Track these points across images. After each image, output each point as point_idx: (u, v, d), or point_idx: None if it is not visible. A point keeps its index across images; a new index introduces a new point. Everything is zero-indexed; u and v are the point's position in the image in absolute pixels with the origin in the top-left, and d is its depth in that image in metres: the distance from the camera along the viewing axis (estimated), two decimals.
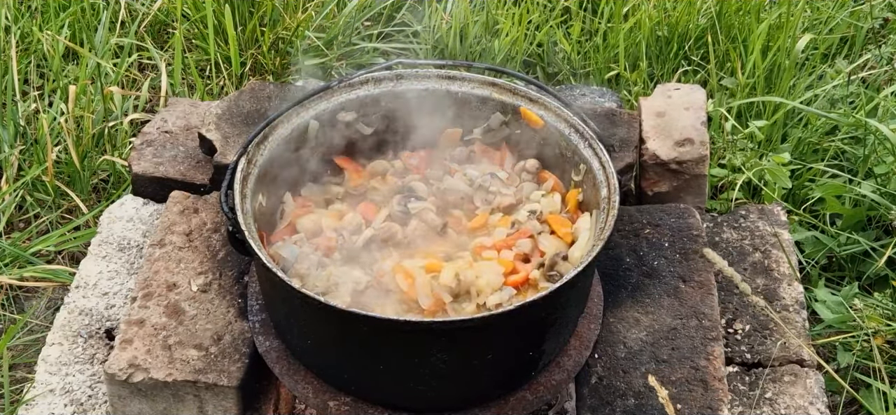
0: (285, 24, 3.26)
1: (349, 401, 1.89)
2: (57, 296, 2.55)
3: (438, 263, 1.92)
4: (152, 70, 3.29)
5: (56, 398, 2.10)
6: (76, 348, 2.18)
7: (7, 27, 3.19)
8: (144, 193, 2.51)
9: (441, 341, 1.76)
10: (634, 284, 2.17)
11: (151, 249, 2.21)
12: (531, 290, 1.91)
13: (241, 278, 2.15)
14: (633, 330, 2.08)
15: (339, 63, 3.27)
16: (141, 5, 3.41)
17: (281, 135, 2.05)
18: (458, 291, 1.87)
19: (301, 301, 1.75)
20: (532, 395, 1.91)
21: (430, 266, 1.91)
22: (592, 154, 2.02)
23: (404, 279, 1.88)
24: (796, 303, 2.26)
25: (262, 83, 2.62)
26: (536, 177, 2.15)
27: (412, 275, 1.88)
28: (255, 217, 1.92)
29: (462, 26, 3.23)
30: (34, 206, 2.81)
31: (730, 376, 2.12)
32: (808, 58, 3.16)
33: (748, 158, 2.77)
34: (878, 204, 2.60)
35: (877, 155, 2.70)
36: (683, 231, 2.27)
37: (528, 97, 2.14)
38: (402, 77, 2.17)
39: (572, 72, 3.21)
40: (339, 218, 2.04)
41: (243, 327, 2.05)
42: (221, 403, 1.98)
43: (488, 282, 1.87)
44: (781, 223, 2.46)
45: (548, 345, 1.88)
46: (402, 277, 1.89)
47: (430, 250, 1.98)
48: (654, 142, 2.47)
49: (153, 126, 2.61)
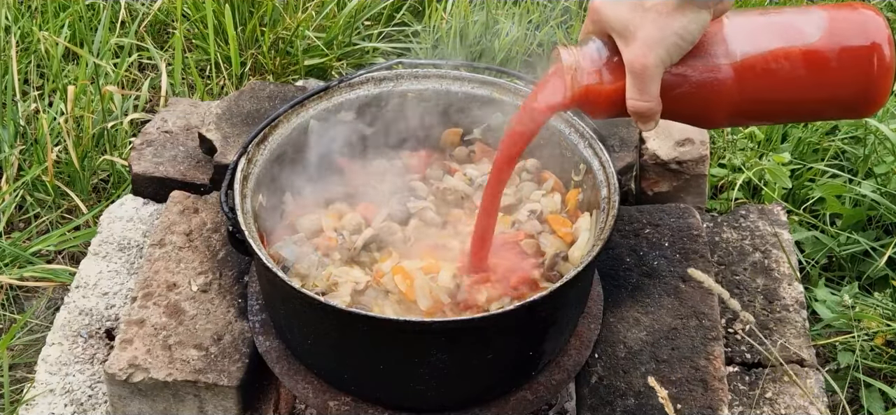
0: (285, 24, 3.26)
1: (349, 401, 1.89)
2: (57, 296, 2.55)
3: (436, 264, 1.92)
4: (152, 70, 3.29)
5: (56, 398, 2.10)
6: (76, 348, 2.18)
7: (7, 27, 3.19)
8: (144, 193, 2.51)
9: (441, 340, 1.76)
10: (634, 284, 2.17)
11: (151, 249, 2.21)
12: (531, 290, 1.91)
13: (241, 278, 2.15)
14: (633, 330, 2.08)
15: (339, 63, 3.27)
16: (141, 5, 3.41)
17: (281, 135, 2.05)
18: (455, 293, 1.87)
19: (301, 301, 1.75)
20: (532, 395, 1.91)
21: (427, 267, 1.91)
22: (592, 154, 2.02)
23: (403, 280, 1.88)
24: (796, 303, 2.26)
25: (262, 83, 2.62)
26: (536, 177, 2.15)
27: (411, 276, 1.88)
28: (255, 217, 1.92)
29: (462, 26, 3.23)
30: (34, 206, 2.81)
31: (730, 376, 2.12)
32: None
33: (748, 157, 2.77)
34: (878, 204, 2.60)
35: (877, 155, 2.70)
36: (683, 231, 2.27)
37: None
38: (402, 77, 2.17)
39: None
40: (338, 218, 2.04)
41: (243, 327, 2.05)
42: (221, 403, 1.98)
43: (488, 297, 1.87)
44: (781, 223, 2.46)
45: (548, 345, 1.88)
46: (401, 279, 1.89)
47: (430, 249, 1.98)
48: (654, 142, 2.47)
49: (153, 126, 2.61)
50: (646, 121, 1.59)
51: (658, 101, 1.56)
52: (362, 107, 2.15)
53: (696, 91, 1.60)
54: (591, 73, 1.61)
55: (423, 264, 1.92)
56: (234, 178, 1.93)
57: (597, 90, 1.61)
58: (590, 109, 1.65)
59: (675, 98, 1.59)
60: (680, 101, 1.60)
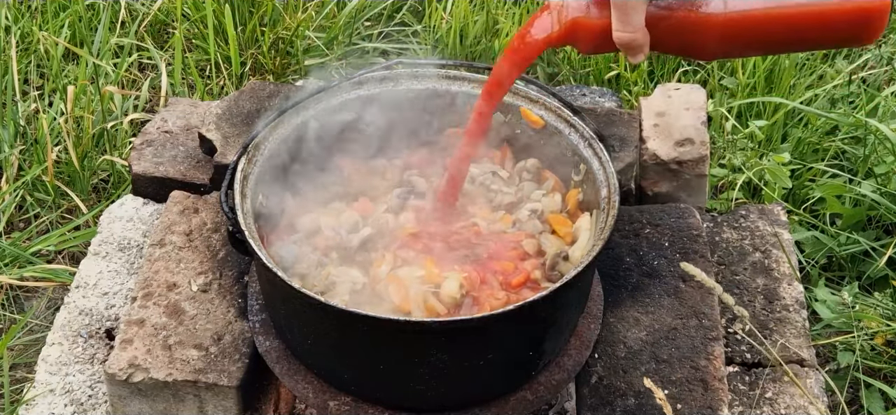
0: (285, 24, 3.27)
1: (349, 401, 1.89)
2: (57, 296, 2.55)
3: (437, 272, 1.89)
4: (152, 70, 3.29)
5: (56, 398, 2.10)
6: (76, 347, 2.18)
7: (7, 27, 3.19)
8: (144, 193, 2.51)
9: (440, 340, 1.75)
10: (634, 284, 2.17)
11: (151, 249, 2.22)
12: (532, 290, 1.91)
13: (241, 278, 2.15)
14: (633, 330, 2.08)
15: (339, 63, 3.27)
16: (141, 5, 3.42)
17: (281, 135, 2.05)
18: (460, 303, 1.86)
19: (301, 301, 1.75)
20: (532, 395, 1.91)
21: (429, 275, 1.89)
22: (592, 154, 2.02)
23: (397, 292, 1.86)
24: (796, 303, 2.26)
25: (262, 83, 2.62)
26: (537, 176, 2.15)
27: (405, 286, 1.87)
28: (255, 217, 1.92)
29: (462, 26, 3.23)
30: (34, 206, 2.81)
31: (730, 375, 2.12)
32: (808, 58, 3.16)
33: (748, 157, 2.77)
34: (878, 204, 2.60)
35: (877, 155, 2.70)
36: (683, 231, 2.27)
37: (528, 97, 2.14)
38: (402, 77, 2.17)
39: (572, 72, 3.21)
40: (336, 216, 2.04)
41: (243, 327, 2.05)
42: (221, 403, 1.98)
43: (491, 306, 1.86)
44: (781, 223, 2.46)
45: (548, 345, 1.88)
46: (395, 288, 1.87)
47: (427, 246, 1.98)
48: (654, 142, 2.47)
49: (153, 126, 2.61)
50: (633, 53, 1.63)
51: (644, 32, 1.60)
52: (362, 106, 2.15)
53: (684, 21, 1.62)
54: (579, 7, 1.66)
55: (422, 273, 1.90)
56: (234, 178, 1.93)
57: (584, 23, 1.66)
58: (578, 42, 1.70)
59: (664, 29, 1.63)
60: (668, 32, 1.64)
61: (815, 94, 2.97)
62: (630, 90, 3.08)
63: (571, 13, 1.66)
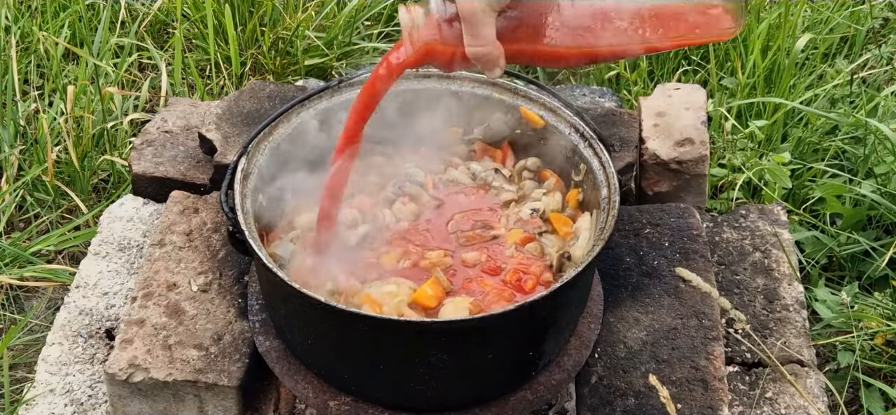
0: (285, 24, 3.26)
1: (349, 401, 1.89)
2: (57, 296, 2.55)
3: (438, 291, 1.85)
4: (152, 70, 3.29)
5: (56, 398, 2.10)
6: (76, 347, 2.18)
7: (7, 27, 3.19)
8: (144, 193, 2.51)
9: (440, 340, 1.75)
10: (634, 283, 2.17)
11: (151, 249, 2.22)
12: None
13: (241, 278, 2.15)
14: (633, 330, 2.08)
15: (339, 63, 3.27)
16: (141, 5, 3.41)
17: (281, 135, 2.05)
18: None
19: (301, 301, 1.75)
20: (532, 395, 1.91)
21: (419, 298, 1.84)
22: (592, 154, 2.02)
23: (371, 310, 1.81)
24: (796, 303, 2.26)
25: (262, 83, 2.62)
26: (537, 175, 2.15)
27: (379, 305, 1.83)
28: (255, 217, 1.92)
29: None
30: (34, 206, 2.81)
31: (730, 375, 2.12)
32: (808, 58, 3.16)
33: (748, 157, 2.77)
34: (878, 204, 2.60)
35: (877, 155, 2.70)
36: (683, 231, 2.27)
37: (529, 97, 2.14)
38: (402, 77, 2.16)
39: (572, 72, 3.21)
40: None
41: (243, 327, 2.05)
42: (221, 403, 1.98)
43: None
44: (781, 223, 2.46)
45: (548, 345, 1.88)
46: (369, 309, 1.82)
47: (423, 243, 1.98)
48: (654, 142, 2.47)
49: (153, 126, 2.61)
50: (490, 66, 1.62)
51: (496, 45, 1.60)
52: None
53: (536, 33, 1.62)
54: (430, 29, 1.65)
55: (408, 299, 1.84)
56: (235, 177, 1.93)
57: (435, 46, 1.65)
58: (437, 63, 1.69)
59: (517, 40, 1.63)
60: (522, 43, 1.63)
61: (815, 94, 2.97)
62: (630, 90, 3.08)
63: (424, 37, 1.66)
